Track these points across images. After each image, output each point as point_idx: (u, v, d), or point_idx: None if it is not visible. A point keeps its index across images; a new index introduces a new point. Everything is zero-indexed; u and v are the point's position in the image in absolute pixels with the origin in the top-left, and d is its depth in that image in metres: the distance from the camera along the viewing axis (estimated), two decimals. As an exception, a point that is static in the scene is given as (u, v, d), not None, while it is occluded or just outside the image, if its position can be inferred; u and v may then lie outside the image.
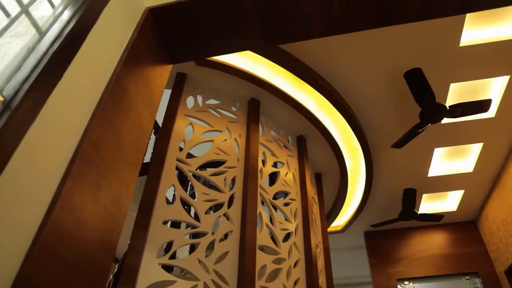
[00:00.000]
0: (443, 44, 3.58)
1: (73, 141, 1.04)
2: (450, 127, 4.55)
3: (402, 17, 2.23)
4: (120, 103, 1.30)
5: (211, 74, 3.25)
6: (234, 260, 2.54)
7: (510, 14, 3.51)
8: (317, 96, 3.66)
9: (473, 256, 6.20)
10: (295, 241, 3.18)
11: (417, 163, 5.18)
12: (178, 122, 2.92)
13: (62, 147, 1.00)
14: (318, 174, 4.66)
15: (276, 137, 3.76)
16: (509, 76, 3.97)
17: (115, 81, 1.25)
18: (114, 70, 1.28)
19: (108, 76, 1.25)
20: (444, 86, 3.99)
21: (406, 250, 6.46)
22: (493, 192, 5.74)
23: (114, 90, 1.25)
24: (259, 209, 2.90)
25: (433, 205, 6.22)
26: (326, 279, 3.73)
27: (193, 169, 2.81)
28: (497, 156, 5.13)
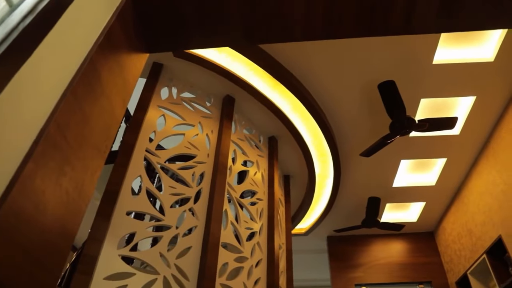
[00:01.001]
0: (417, 60, 3.69)
1: (39, 122, 1.00)
2: (417, 141, 4.70)
3: (383, 29, 2.27)
4: (92, 88, 1.26)
5: (188, 67, 3.21)
6: (196, 256, 2.52)
7: (482, 38, 3.66)
8: (292, 98, 3.69)
9: (428, 266, 6.42)
10: (258, 241, 3.19)
11: (384, 173, 5.31)
12: (150, 113, 2.87)
13: (26, 127, 0.96)
14: (286, 176, 4.70)
15: (248, 136, 3.76)
16: (475, 97, 4.15)
17: (89, 64, 1.21)
18: (88, 53, 1.24)
19: (82, 59, 1.20)
20: (415, 100, 4.12)
21: (366, 256, 6.61)
22: (452, 206, 5.97)
23: (87, 74, 1.21)
24: (225, 206, 2.89)
25: (395, 214, 6.40)
26: (286, 280, 3.77)
27: (161, 161, 2.76)
28: (459, 172, 5.34)
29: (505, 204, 4.43)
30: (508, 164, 4.33)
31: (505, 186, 4.39)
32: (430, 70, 3.79)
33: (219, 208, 2.77)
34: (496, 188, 4.61)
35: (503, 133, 4.40)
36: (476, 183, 5.16)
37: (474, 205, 5.25)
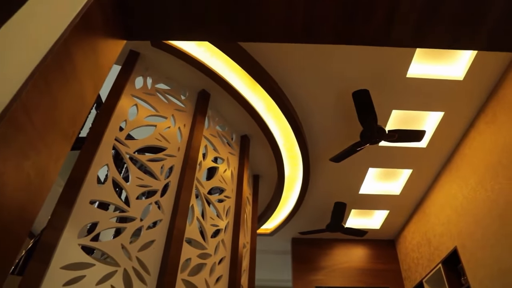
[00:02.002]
0: (392, 72, 3.79)
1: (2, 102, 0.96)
2: (385, 150, 4.82)
3: (361, 39, 2.32)
4: (63, 70, 1.22)
5: (166, 58, 3.16)
6: (159, 250, 2.49)
7: (454, 57, 3.79)
8: (267, 99, 3.70)
9: (387, 272, 6.60)
10: (223, 238, 3.19)
11: (351, 179, 5.41)
12: (122, 101, 2.80)
13: (-11, 106, 0.92)
14: (256, 176, 4.71)
15: (221, 132, 3.74)
16: (443, 113, 4.30)
17: (62, 45, 1.17)
18: (62, 33, 1.19)
19: (54, 39, 1.16)
20: (387, 111, 4.22)
21: (328, 260, 6.72)
22: (414, 216, 6.16)
23: (59, 55, 1.17)
24: (192, 201, 2.87)
25: (359, 220, 6.54)
26: (248, 279, 3.78)
27: (131, 151, 2.71)
28: (422, 184, 5.51)
29: (462, 217, 4.62)
30: (468, 180, 4.51)
31: (464, 200, 4.58)
32: (404, 83, 3.90)
33: (185, 203, 2.74)
34: (456, 202, 4.79)
35: (466, 149, 4.58)
36: (437, 195, 5.35)
37: (434, 216, 5.44)
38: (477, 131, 4.36)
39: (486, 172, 4.14)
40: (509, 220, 3.72)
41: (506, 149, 3.78)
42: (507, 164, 3.75)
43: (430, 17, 2.21)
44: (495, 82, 3.97)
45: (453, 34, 2.34)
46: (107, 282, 2.15)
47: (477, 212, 4.31)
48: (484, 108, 4.21)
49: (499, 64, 3.79)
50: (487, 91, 4.07)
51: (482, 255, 4.19)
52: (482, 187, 4.19)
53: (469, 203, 4.47)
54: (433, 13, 2.20)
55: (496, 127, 3.98)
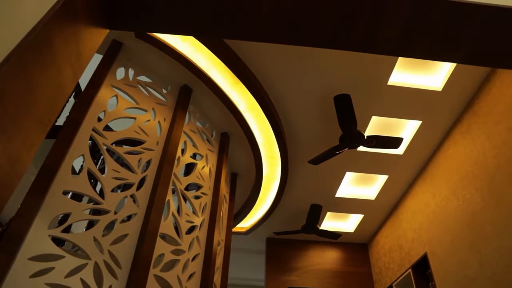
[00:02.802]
0: (374, 79, 3.84)
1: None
2: (363, 156, 4.88)
3: (345, 44, 2.35)
4: (42, 55, 1.19)
5: (149, 51, 3.12)
6: (132, 244, 2.45)
7: (434, 68, 3.88)
8: (249, 97, 3.70)
9: (358, 275, 6.71)
10: (198, 235, 3.16)
11: (328, 182, 5.47)
12: (102, 91, 2.75)
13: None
14: (234, 174, 4.70)
15: (201, 129, 3.72)
16: (421, 122, 4.39)
17: (41, 30, 1.14)
18: (42, 18, 1.16)
19: (34, 23, 1.13)
20: (367, 117, 4.28)
21: (301, 261, 6.77)
22: (387, 221, 6.27)
23: (38, 40, 1.14)
24: (168, 197, 2.84)
25: (334, 223, 6.62)
26: (221, 277, 3.77)
27: (108, 142, 2.66)
28: (397, 190, 5.62)
29: (434, 225, 4.73)
30: (441, 188, 4.62)
31: (436, 208, 4.69)
32: (385, 90, 3.96)
33: (162, 198, 2.71)
34: (428, 209, 4.91)
35: (441, 159, 4.70)
36: (411, 202, 5.47)
37: (407, 222, 5.55)
38: (452, 141, 4.47)
39: (458, 181, 4.25)
40: (476, 229, 3.83)
41: (478, 160, 3.89)
42: (478, 175, 3.87)
43: (413, 29, 2.26)
44: (472, 95, 4.09)
45: (435, 46, 2.40)
46: (76, 275, 2.10)
47: (447, 220, 4.42)
48: (460, 119, 4.32)
49: (477, 78, 3.90)
50: (464, 103, 4.19)
51: (450, 262, 4.30)
52: (454, 196, 4.31)
53: (441, 211, 4.58)
54: (417, 25, 2.25)
55: (470, 138, 4.09)
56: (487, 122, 3.81)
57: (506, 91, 3.57)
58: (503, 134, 3.55)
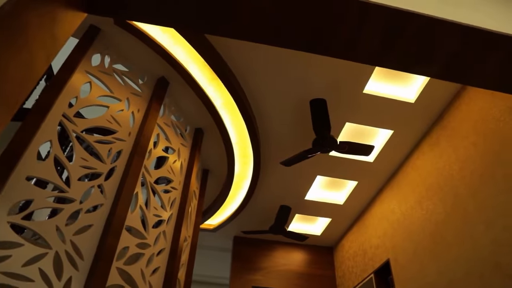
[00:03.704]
0: (350, 86, 3.90)
1: None
2: (335, 160, 4.96)
3: (325, 49, 2.37)
4: (14, 36, 1.14)
5: (127, 39, 3.05)
6: (96, 235, 2.39)
7: (409, 80, 3.98)
8: (225, 94, 3.68)
9: (322, 278, 6.80)
10: (165, 230, 3.12)
11: (299, 184, 5.51)
12: (76, 76, 2.67)
13: None
14: (205, 170, 4.67)
15: (175, 122, 3.67)
16: (393, 131, 4.50)
17: (13, 9, 1.09)
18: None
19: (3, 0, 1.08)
20: (341, 122, 4.35)
21: (267, 261, 6.81)
22: (354, 226, 6.39)
23: (9, 19, 1.09)
24: (137, 189, 2.79)
25: (301, 225, 6.68)
26: (186, 273, 3.73)
27: (78, 130, 2.59)
28: (365, 196, 5.73)
29: (398, 232, 4.86)
30: (407, 197, 4.75)
31: (401, 216, 4.82)
32: (360, 98, 4.03)
33: (130, 190, 2.66)
34: (393, 217, 5.04)
35: (409, 168, 4.83)
36: (377, 209, 5.59)
37: (372, 228, 5.68)
38: (421, 152, 4.60)
39: (424, 192, 4.38)
40: (438, 239, 3.96)
41: (444, 173, 4.03)
42: (443, 186, 4.00)
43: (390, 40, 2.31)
44: (442, 109, 4.22)
45: (410, 59, 2.46)
46: (35, 264, 2.03)
47: (411, 229, 4.55)
48: (430, 131, 4.45)
49: (448, 93, 4.03)
50: (434, 116, 4.32)
51: (411, 269, 4.43)
52: (419, 205, 4.44)
53: (406, 219, 4.71)
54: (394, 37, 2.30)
55: (438, 151, 4.22)
56: (455, 136, 3.95)
57: (474, 108, 3.70)
58: (468, 149, 3.68)
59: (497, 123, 3.35)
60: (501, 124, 3.30)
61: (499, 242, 3.11)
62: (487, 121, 3.48)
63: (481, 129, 3.54)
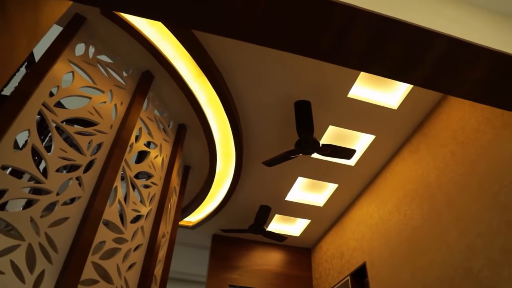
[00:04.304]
0: (335, 89, 3.93)
1: None
2: (316, 163, 4.99)
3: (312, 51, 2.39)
4: (-6, 18, 1.11)
5: (114, 30, 3.01)
6: (72, 228, 2.35)
7: (392, 87, 4.04)
8: (210, 92, 3.66)
9: (299, 279, 6.84)
10: (143, 225, 3.09)
11: (280, 185, 5.53)
12: (58, 65, 2.61)
13: None
14: (187, 167, 4.64)
15: (159, 117, 3.64)
16: (375, 136, 4.56)
17: (-3, -9, 1.06)
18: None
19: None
20: (324, 125, 4.38)
21: (245, 260, 6.81)
22: (332, 229, 6.45)
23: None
24: (116, 183, 2.75)
25: (281, 226, 6.71)
26: (163, 269, 3.70)
27: (58, 120, 2.53)
28: (345, 199, 5.79)
29: (375, 236, 4.92)
30: (385, 202, 4.82)
31: (379, 221, 4.89)
32: (344, 102, 4.07)
33: (109, 183, 2.62)
34: (371, 221, 5.10)
35: (388, 174, 4.90)
36: (356, 212, 5.66)
37: (350, 232, 5.74)
38: (401, 159, 4.68)
39: (402, 197, 4.45)
40: (413, 244, 4.03)
41: (423, 180, 4.10)
42: (421, 193, 4.07)
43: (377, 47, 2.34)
44: (423, 117, 4.30)
45: (395, 66, 2.50)
46: (6, 256, 1.98)
47: (388, 233, 4.62)
48: (411, 138, 4.53)
49: (430, 102, 4.10)
50: (415, 124, 4.39)
51: (386, 273, 4.50)
52: (397, 210, 4.51)
53: (383, 223, 4.78)
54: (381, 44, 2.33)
55: (417, 157, 4.30)
56: (434, 144, 4.03)
57: (453, 117, 3.78)
58: (446, 157, 3.76)
59: (475, 133, 3.43)
60: (479, 134, 3.38)
61: (471, 248, 3.19)
62: (465, 131, 3.56)
63: (460, 139, 3.62)
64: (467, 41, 2.31)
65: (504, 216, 2.92)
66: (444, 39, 2.30)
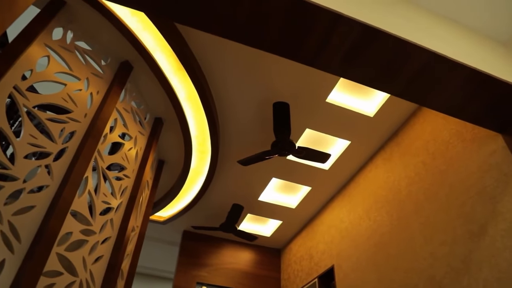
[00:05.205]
0: (314, 93, 3.97)
1: None
2: (291, 164, 5.02)
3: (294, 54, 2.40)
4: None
5: (94, 17, 2.93)
6: (37, 217, 2.27)
7: (370, 95, 4.11)
8: (190, 87, 3.63)
9: (268, 279, 6.87)
10: (112, 218, 3.03)
11: (254, 185, 5.54)
12: (33, 48, 2.52)
13: None
14: (161, 161, 4.58)
15: (135, 109, 3.57)
16: (350, 142, 4.63)
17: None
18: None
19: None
20: (301, 128, 4.41)
21: (215, 258, 6.78)
22: (303, 231, 6.51)
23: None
24: (87, 173, 2.68)
25: (252, 225, 6.72)
26: (130, 264, 3.63)
27: (29, 105, 2.44)
28: (317, 202, 5.85)
29: (344, 240, 5.00)
30: (356, 207, 4.90)
31: (349, 225, 4.96)
32: (322, 106, 4.11)
33: (80, 173, 2.55)
34: (342, 225, 5.18)
35: (361, 180, 4.98)
36: (327, 216, 5.73)
37: (320, 235, 5.80)
38: (374, 165, 4.76)
39: (373, 203, 4.54)
40: (381, 249, 4.12)
41: (393, 187, 4.19)
42: (391, 200, 4.16)
43: (357, 54, 2.38)
44: (398, 126, 4.39)
45: (374, 75, 2.55)
46: (-34, 242, 1.90)
47: (357, 238, 4.69)
48: (385, 146, 4.62)
49: (405, 112, 4.19)
50: (390, 132, 4.48)
51: (353, 277, 4.57)
52: (367, 216, 4.59)
53: (353, 228, 4.86)
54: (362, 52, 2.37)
55: (390, 165, 4.39)
56: (406, 154, 4.12)
57: (427, 128, 3.88)
58: (418, 166, 3.86)
59: (446, 145, 3.53)
60: (449, 146, 3.48)
61: (435, 256, 3.28)
62: (437, 142, 3.66)
63: (431, 149, 3.72)
64: (443, 55, 2.38)
65: (467, 226, 3.02)
66: (421, 52, 2.36)
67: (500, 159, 2.90)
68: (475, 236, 2.93)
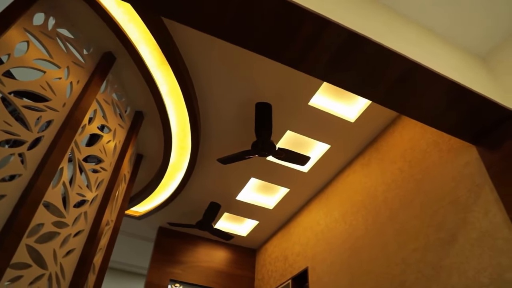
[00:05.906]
0: (297, 95, 3.99)
1: None
2: (271, 165, 5.03)
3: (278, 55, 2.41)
4: None
5: (78, 4, 2.87)
6: (7, 207, 2.20)
7: (352, 100, 4.15)
8: (173, 82, 3.59)
9: (242, 279, 6.87)
10: (87, 211, 2.97)
11: (232, 184, 5.53)
12: (12, 32, 2.44)
13: None
14: (140, 155, 4.52)
15: (116, 101, 3.51)
16: (330, 146, 4.67)
17: None
18: None
19: None
20: (283, 129, 4.43)
21: (189, 256, 6.73)
22: (279, 232, 6.54)
23: None
24: (63, 164, 2.62)
25: (229, 224, 6.71)
26: (103, 258, 3.57)
27: (5, 90, 2.37)
28: (295, 204, 5.89)
29: (320, 242, 5.04)
30: (333, 210, 4.96)
31: (325, 228, 5.01)
32: (304, 109, 4.13)
33: (55, 164, 2.49)
34: (318, 227, 5.22)
35: (339, 183, 5.04)
36: (304, 218, 5.76)
37: (296, 236, 5.84)
38: (352, 170, 4.82)
39: (349, 207, 4.59)
40: (355, 253, 4.17)
41: (370, 192, 4.25)
42: (367, 205, 4.22)
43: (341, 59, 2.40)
44: (377, 133, 4.46)
45: (357, 80, 2.57)
46: None
47: (333, 241, 4.74)
48: (363, 152, 4.68)
49: (385, 119, 4.26)
50: (369, 138, 4.55)
51: (327, 280, 4.61)
52: (343, 220, 4.64)
53: (329, 231, 4.90)
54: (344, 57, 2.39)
55: (368, 171, 4.45)
56: (384, 160, 4.19)
57: (405, 136, 3.95)
58: (395, 173, 3.92)
59: (423, 153, 3.60)
60: (426, 155, 3.55)
61: (407, 262, 3.35)
62: (414, 151, 3.74)
63: (409, 157, 3.79)
64: (424, 65, 2.43)
65: (439, 234, 3.09)
66: (402, 61, 2.40)
67: (473, 170, 2.98)
68: (446, 244, 3.00)
